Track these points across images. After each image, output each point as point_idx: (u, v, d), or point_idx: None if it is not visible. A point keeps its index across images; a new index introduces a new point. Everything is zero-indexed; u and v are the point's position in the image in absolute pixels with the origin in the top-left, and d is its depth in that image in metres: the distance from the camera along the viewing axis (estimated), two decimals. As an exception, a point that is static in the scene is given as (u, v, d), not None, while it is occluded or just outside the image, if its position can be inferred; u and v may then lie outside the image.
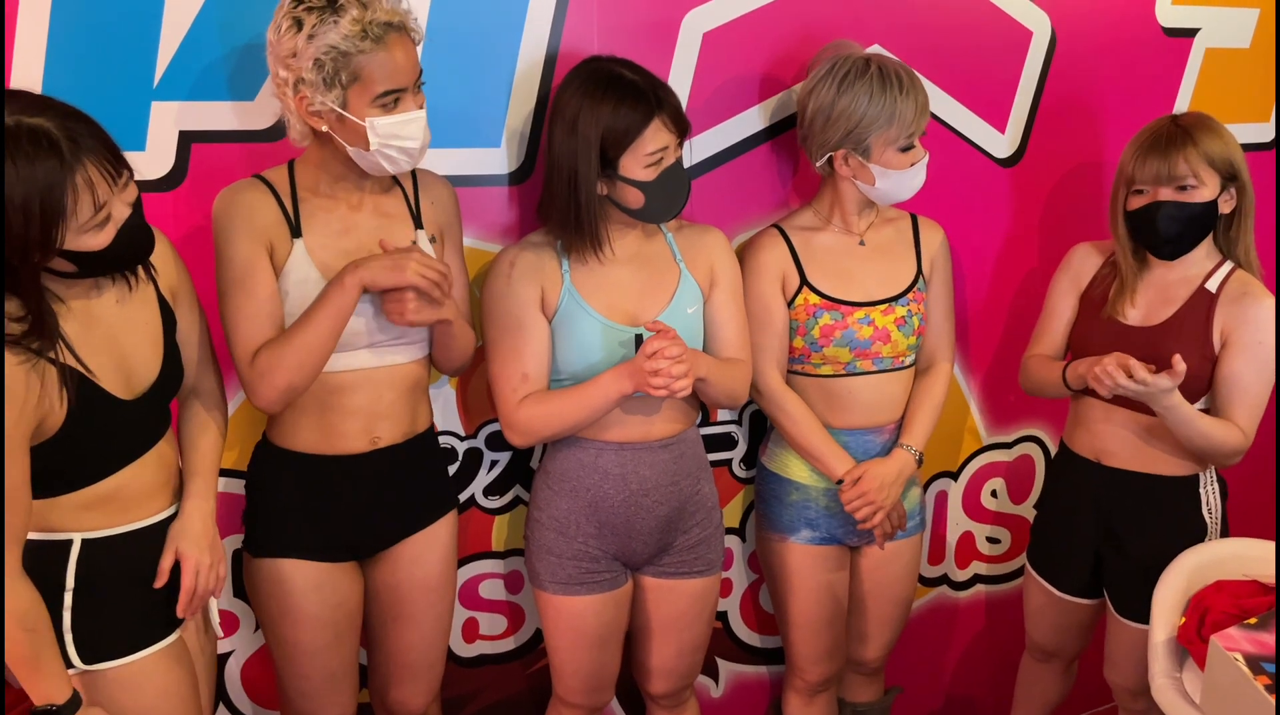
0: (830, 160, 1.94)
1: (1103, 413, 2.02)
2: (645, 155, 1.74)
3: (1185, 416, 1.86)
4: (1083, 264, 2.10)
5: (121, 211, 1.40)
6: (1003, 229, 2.35)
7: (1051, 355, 2.10)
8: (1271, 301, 1.92)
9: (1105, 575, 2.09)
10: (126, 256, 1.44)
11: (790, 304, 2.00)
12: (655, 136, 1.74)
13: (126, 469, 1.53)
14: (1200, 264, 1.96)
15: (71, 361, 1.43)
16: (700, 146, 2.04)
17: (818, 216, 2.04)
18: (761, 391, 2.01)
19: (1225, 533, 2.06)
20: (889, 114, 1.86)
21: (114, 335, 1.50)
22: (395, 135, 1.60)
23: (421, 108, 1.63)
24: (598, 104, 1.73)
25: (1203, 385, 1.93)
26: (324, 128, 1.61)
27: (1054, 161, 2.34)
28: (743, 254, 2.04)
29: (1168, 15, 2.33)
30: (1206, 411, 1.94)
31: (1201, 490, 2.02)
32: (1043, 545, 2.20)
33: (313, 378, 1.66)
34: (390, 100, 1.59)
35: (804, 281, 1.99)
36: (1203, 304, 1.94)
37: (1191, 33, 2.36)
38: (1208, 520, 2.02)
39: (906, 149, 1.90)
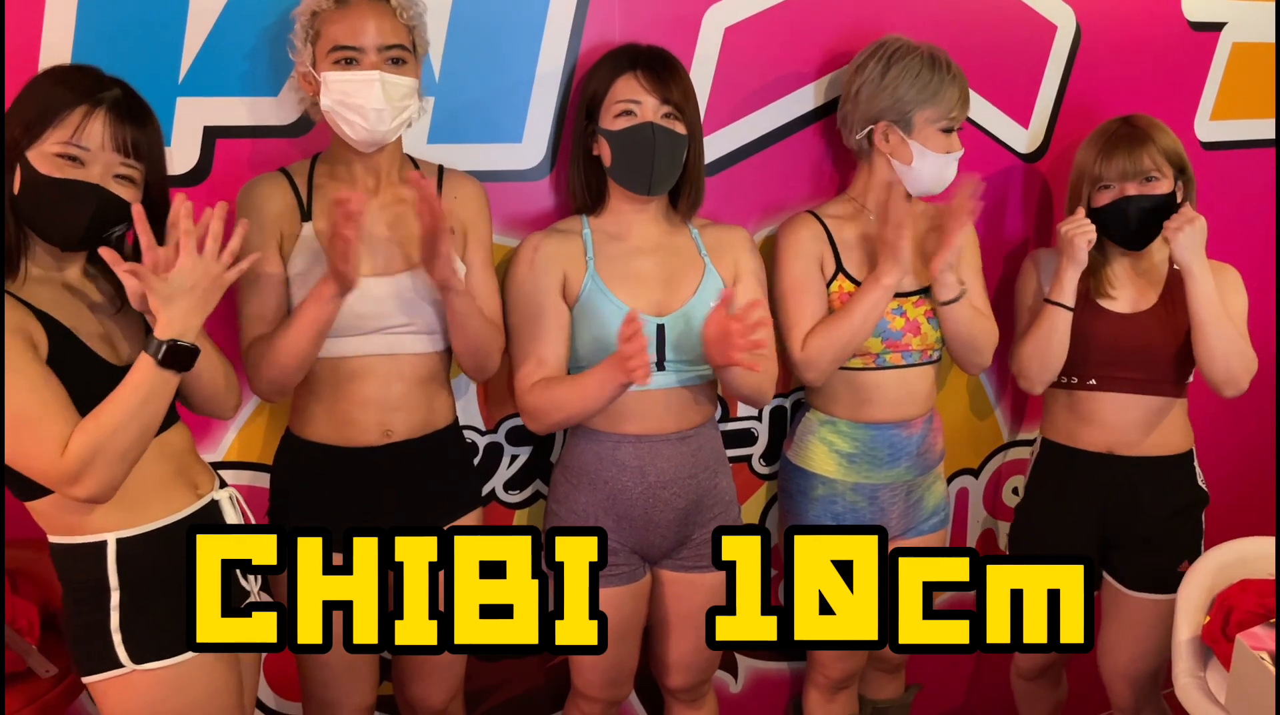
0: (870, 137, 1.95)
1: (1117, 406, 2.08)
2: (615, 104, 1.79)
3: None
4: (1049, 266, 2.12)
5: (99, 169, 1.41)
6: (1026, 224, 2.33)
7: None
8: (1233, 269, 2.08)
9: (1112, 563, 2.14)
10: (67, 212, 1.42)
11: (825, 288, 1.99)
12: (625, 86, 1.78)
13: None
14: (1160, 252, 2.10)
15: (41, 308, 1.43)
16: (721, 141, 2.04)
17: (851, 205, 2.04)
18: (804, 359, 1.95)
19: None
20: (934, 91, 1.89)
21: (109, 323, 1.51)
22: (346, 93, 1.62)
23: (386, 77, 1.62)
24: (594, 69, 1.83)
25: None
26: (310, 93, 1.67)
27: (1078, 157, 2.32)
28: (777, 237, 2.03)
29: (1194, 9, 2.31)
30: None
31: (1195, 464, 2.14)
32: (1035, 548, 2.18)
33: (298, 373, 1.69)
34: (343, 57, 1.62)
35: (839, 267, 1.99)
36: (1180, 282, 2.02)
37: (1218, 27, 2.34)
38: (1205, 491, 2.15)
39: (946, 132, 1.92)
